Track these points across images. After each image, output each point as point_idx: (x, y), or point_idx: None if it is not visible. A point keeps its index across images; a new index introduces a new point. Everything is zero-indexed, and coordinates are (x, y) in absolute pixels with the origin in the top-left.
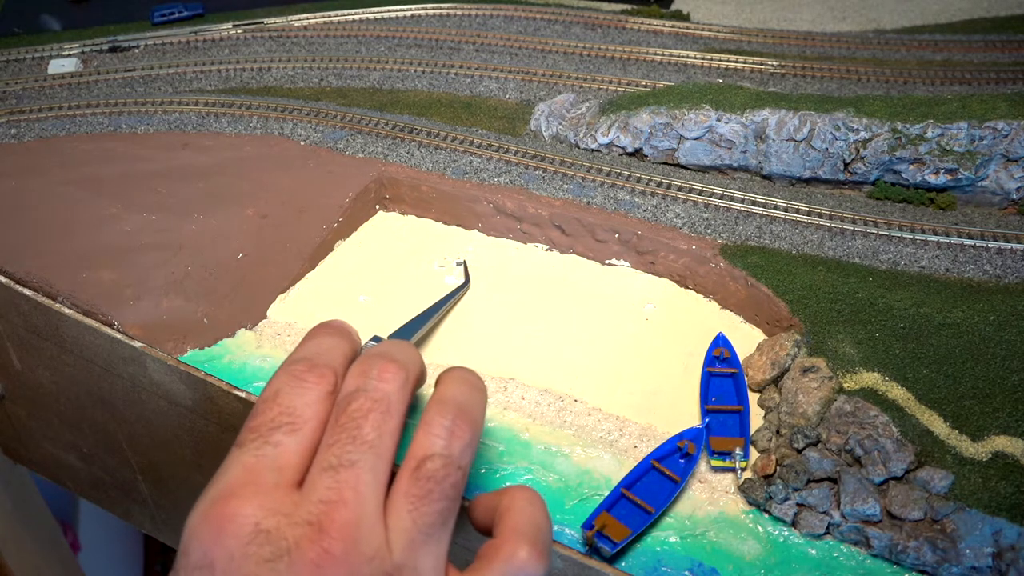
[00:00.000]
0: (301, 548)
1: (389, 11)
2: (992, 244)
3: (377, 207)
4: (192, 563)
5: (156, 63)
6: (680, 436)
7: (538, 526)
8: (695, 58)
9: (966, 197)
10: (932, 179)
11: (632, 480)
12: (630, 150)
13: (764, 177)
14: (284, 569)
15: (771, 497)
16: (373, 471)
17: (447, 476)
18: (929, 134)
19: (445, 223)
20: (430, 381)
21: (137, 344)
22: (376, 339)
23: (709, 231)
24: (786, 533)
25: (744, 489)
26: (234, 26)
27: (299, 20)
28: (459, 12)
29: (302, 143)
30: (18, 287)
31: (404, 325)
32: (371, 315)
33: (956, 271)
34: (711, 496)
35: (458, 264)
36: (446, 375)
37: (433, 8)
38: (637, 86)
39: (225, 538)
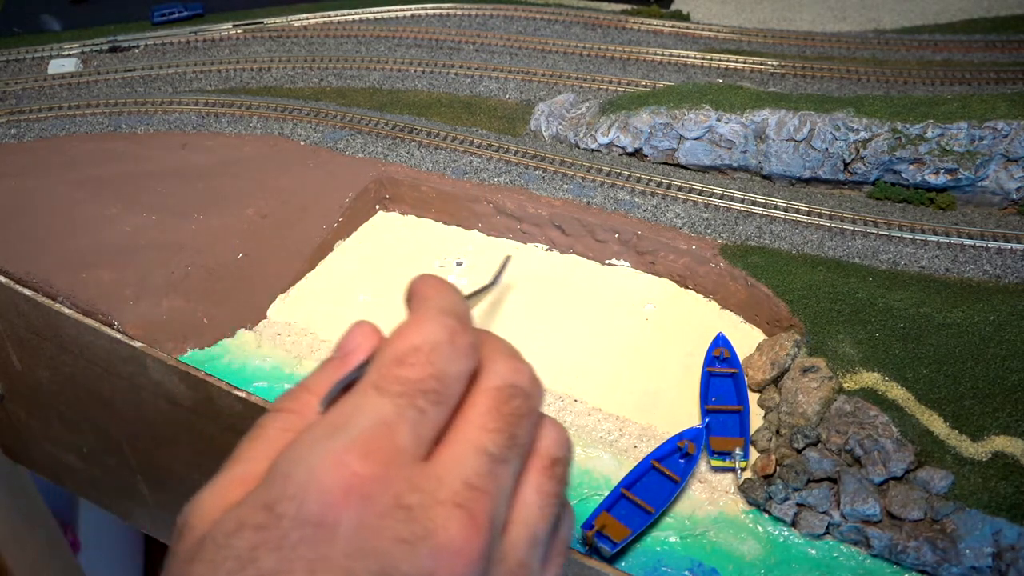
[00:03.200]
0: (448, 532)
1: (389, 11)
2: (992, 244)
3: (377, 207)
4: (307, 516)
5: (156, 63)
6: (680, 436)
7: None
8: (695, 58)
9: (966, 197)
10: (932, 179)
11: (632, 480)
12: (630, 150)
13: (764, 177)
14: (424, 554)
15: (771, 497)
16: (514, 474)
17: (567, 482)
18: (929, 134)
19: (445, 223)
20: None
21: (137, 344)
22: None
23: (709, 231)
24: (786, 533)
25: (744, 489)
26: (234, 26)
27: (299, 20)
28: (459, 12)
29: (302, 143)
30: (18, 287)
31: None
32: (371, 315)
33: (956, 271)
34: (711, 496)
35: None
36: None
37: (433, 8)
38: (637, 86)
39: (358, 501)
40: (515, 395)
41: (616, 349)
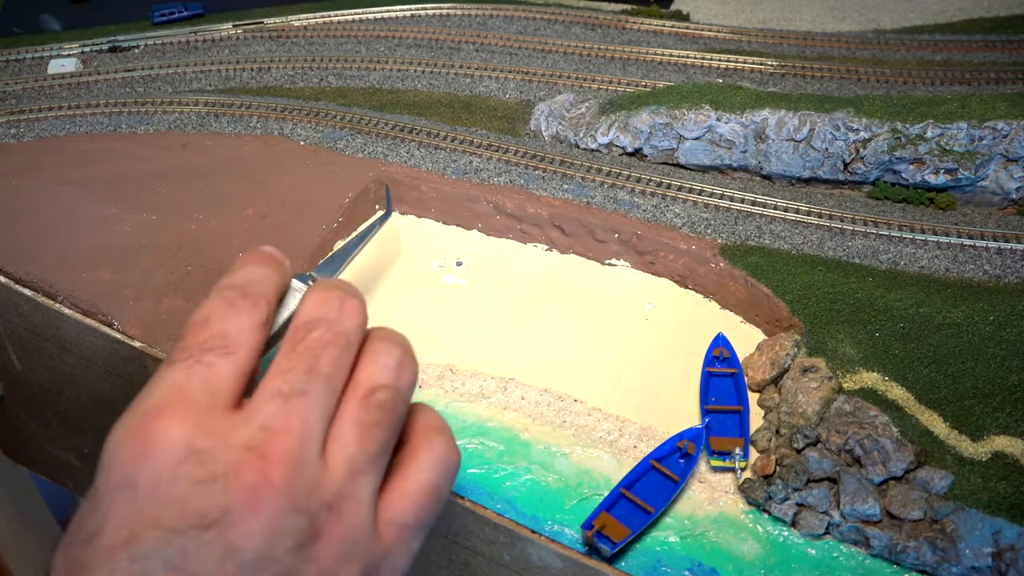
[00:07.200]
0: (239, 473)
1: (389, 11)
2: (992, 244)
3: (377, 207)
4: (113, 481)
5: (156, 63)
6: (680, 436)
7: (444, 423)
8: (695, 58)
9: (966, 197)
10: (932, 179)
11: (632, 480)
12: (630, 150)
13: (764, 177)
14: (218, 492)
15: (771, 497)
16: (323, 404)
17: (395, 408)
18: (929, 134)
19: (445, 223)
20: None
21: (137, 344)
22: (303, 277)
23: (709, 231)
24: (786, 533)
25: (744, 489)
26: (234, 26)
27: (299, 20)
28: (459, 12)
29: (302, 143)
30: (18, 287)
31: (327, 259)
32: (370, 315)
33: (956, 271)
34: (711, 496)
35: (380, 212)
36: (379, 328)
37: (433, 8)
38: (637, 86)
39: (152, 457)
40: (313, 328)
41: (616, 349)
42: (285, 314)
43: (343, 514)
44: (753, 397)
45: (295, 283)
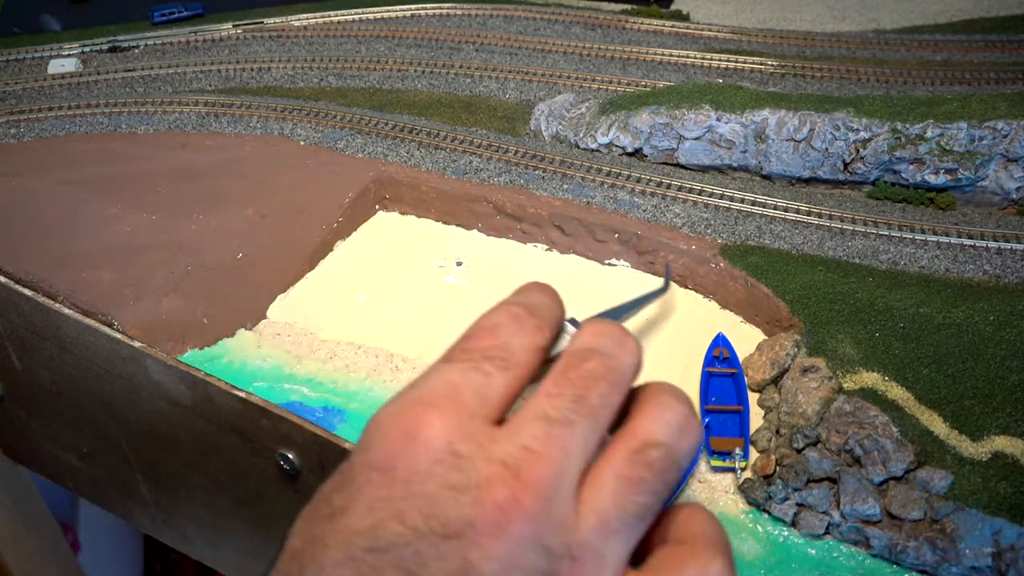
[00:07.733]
0: (491, 488)
1: (389, 11)
2: (992, 244)
3: (377, 207)
4: (371, 461)
5: (156, 63)
6: None
7: (728, 542)
8: (695, 58)
9: (966, 197)
10: (932, 179)
11: None
12: (630, 150)
13: (764, 177)
14: (467, 503)
15: (771, 497)
16: (585, 439)
17: (665, 471)
18: (929, 134)
19: (445, 223)
20: None
21: (137, 344)
22: (572, 321)
23: (709, 231)
24: (786, 533)
25: (744, 489)
26: (234, 26)
27: (299, 20)
28: (459, 12)
29: (302, 143)
30: (18, 287)
31: (601, 314)
32: (371, 315)
33: (956, 271)
34: (711, 496)
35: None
36: (661, 382)
37: (433, 8)
38: (637, 86)
39: (415, 447)
40: (588, 358)
41: None
42: (553, 352)
43: (584, 571)
44: (753, 397)
45: (565, 323)
